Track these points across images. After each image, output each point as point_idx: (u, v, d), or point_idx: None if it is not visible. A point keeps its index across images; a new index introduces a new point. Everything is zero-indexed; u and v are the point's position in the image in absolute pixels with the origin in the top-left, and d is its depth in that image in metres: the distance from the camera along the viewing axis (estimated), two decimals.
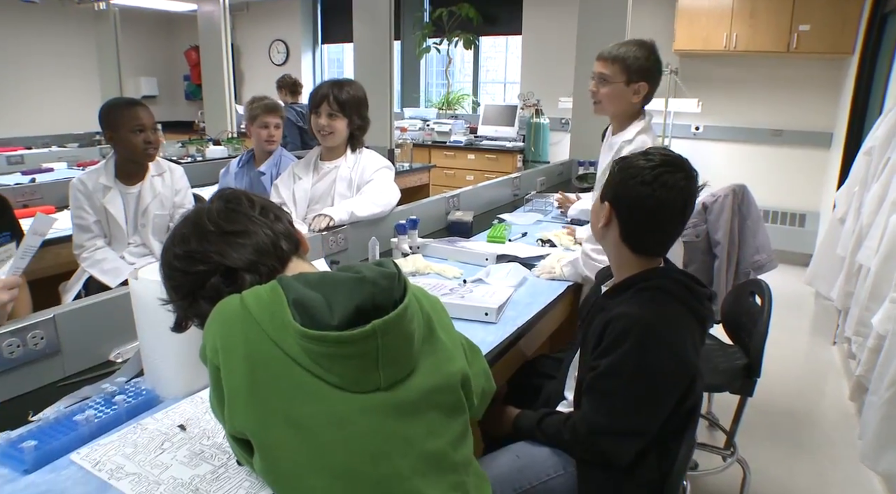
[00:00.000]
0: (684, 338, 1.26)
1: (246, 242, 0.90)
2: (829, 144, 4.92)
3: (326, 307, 0.77)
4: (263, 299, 0.80)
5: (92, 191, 2.17)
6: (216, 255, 0.89)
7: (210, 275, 0.88)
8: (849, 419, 2.96)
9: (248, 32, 7.26)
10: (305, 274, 0.87)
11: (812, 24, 4.48)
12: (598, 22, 3.97)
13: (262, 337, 0.77)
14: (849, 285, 2.75)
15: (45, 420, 1.04)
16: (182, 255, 0.90)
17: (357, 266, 0.87)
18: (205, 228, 0.91)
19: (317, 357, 0.75)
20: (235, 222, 0.92)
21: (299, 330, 0.75)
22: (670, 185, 1.26)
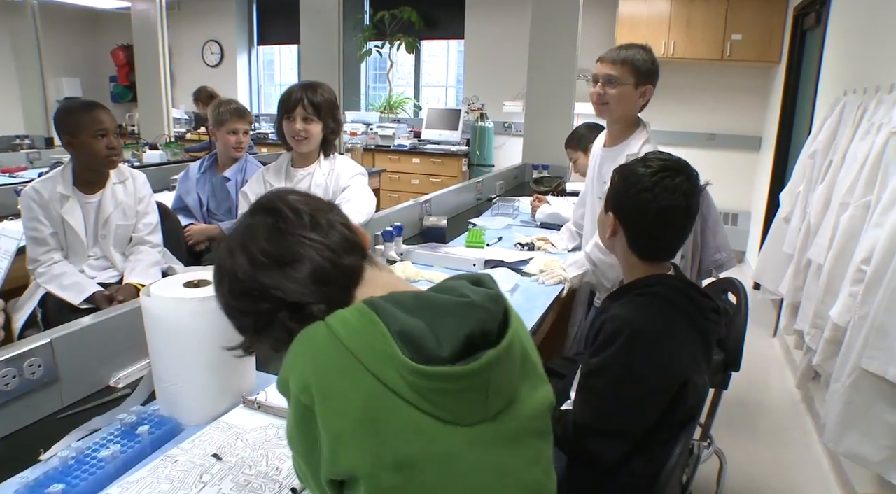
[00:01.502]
0: (675, 345, 1.24)
1: (302, 271, 0.79)
2: (758, 147, 5.23)
3: (433, 337, 0.70)
4: (355, 328, 0.71)
5: (48, 200, 2.00)
6: (275, 291, 0.78)
7: (275, 312, 0.79)
8: (796, 405, 3.15)
9: (180, 32, 6.93)
10: (396, 295, 0.76)
11: (743, 33, 4.76)
12: (550, 29, 4.05)
13: (362, 373, 0.68)
14: (797, 280, 2.92)
15: (64, 459, 0.93)
16: (239, 293, 0.80)
17: (457, 285, 0.78)
18: (256, 259, 0.79)
19: (424, 391, 0.68)
20: (285, 246, 0.80)
21: (410, 366, 0.67)
22: (672, 189, 1.27)
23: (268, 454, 1.00)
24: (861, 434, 2.00)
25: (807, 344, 2.70)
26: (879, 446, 1.95)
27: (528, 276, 2.06)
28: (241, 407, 1.15)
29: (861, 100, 2.63)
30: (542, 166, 4.11)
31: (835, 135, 2.86)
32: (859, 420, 2.00)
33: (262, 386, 1.22)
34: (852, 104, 2.73)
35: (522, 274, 2.06)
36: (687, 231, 1.38)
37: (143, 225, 2.19)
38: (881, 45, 2.66)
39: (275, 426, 1.09)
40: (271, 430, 1.07)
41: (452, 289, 0.77)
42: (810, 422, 2.95)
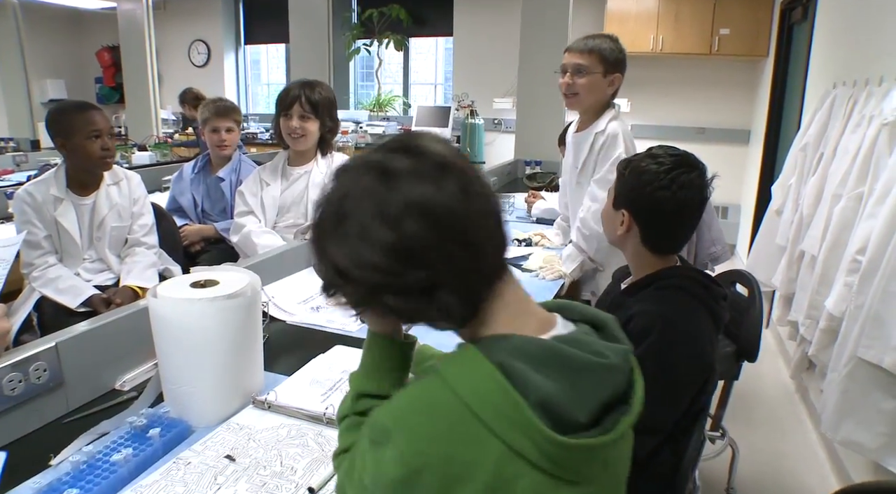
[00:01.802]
0: (704, 335, 1.28)
1: (473, 250, 0.65)
2: (747, 141, 5.27)
3: (571, 404, 0.63)
4: (485, 395, 0.62)
5: (41, 203, 1.97)
6: (443, 262, 0.64)
7: (422, 284, 0.64)
8: (790, 395, 3.19)
9: (167, 32, 6.85)
10: (525, 347, 0.66)
11: (731, 28, 4.79)
12: (540, 25, 4.05)
13: (492, 439, 0.61)
14: (790, 272, 2.95)
15: (75, 464, 0.92)
16: (398, 250, 0.63)
17: (587, 339, 0.70)
18: (439, 221, 0.63)
19: (557, 458, 0.62)
20: (468, 218, 0.65)
21: (551, 438, 0.61)
22: (688, 185, 1.28)
23: (281, 454, 1.00)
24: (857, 422, 2.03)
25: (801, 334, 2.73)
26: (875, 433, 1.97)
27: (527, 272, 2.06)
28: (251, 407, 1.14)
29: (851, 92, 2.65)
30: (534, 162, 4.12)
31: (825, 128, 2.89)
32: (856, 408, 2.03)
33: (270, 385, 1.21)
34: (842, 97, 2.76)
35: (522, 270, 2.06)
36: (697, 223, 1.39)
37: (138, 226, 2.17)
38: (869, 37, 2.68)
39: (286, 426, 1.08)
40: (283, 430, 1.07)
41: (584, 344, 0.69)
42: (805, 412, 2.98)
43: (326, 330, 1.55)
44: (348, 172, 0.68)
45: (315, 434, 1.05)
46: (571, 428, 0.63)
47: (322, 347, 1.43)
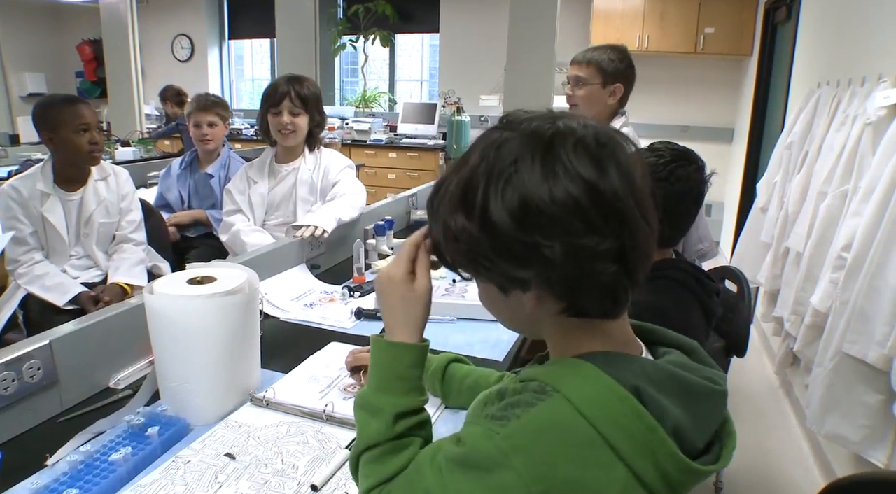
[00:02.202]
0: (695, 327, 1.31)
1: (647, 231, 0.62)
2: (731, 139, 5.33)
3: (695, 429, 0.61)
4: (616, 416, 0.58)
5: (27, 198, 1.93)
6: (633, 230, 0.59)
7: (602, 257, 0.58)
8: (775, 391, 3.23)
9: (150, 26, 6.75)
10: (649, 370, 0.62)
11: (716, 27, 4.84)
12: (528, 22, 4.05)
13: (617, 464, 0.57)
14: (776, 268, 2.99)
15: (73, 464, 0.91)
16: (588, 205, 0.56)
17: (694, 365, 0.67)
18: (636, 186, 0.60)
19: (673, 483, 0.59)
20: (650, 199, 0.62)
21: (686, 465, 0.58)
22: (686, 178, 1.30)
23: (282, 451, 0.99)
24: (842, 415, 2.06)
25: (786, 330, 2.77)
26: (858, 426, 2.01)
27: None
28: (249, 404, 1.13)
29: (835, 92, 2.70)
30: None
31: (810, 127, 2.93)
32: (840, 402, 2.06)
33: (267, 383, 1.21)
34: (826, 96, 2.80)
35: None
36: (694, 217, 1.40)
37: (126, 222, 2.14)
38: (852, 38, 2.73)
39: (285, 423, 1.08)
40: (282, 428, 1.06)
41: (696, 370, 0.66)
42: (789, 407, 3.02)
43: (321, 326, 1.54)
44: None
45: (315, 431, 1.05)
46: (692, 454, 0.61)
47: (317, 344, 1.42)
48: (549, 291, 0.60)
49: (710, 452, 0.63)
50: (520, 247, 0.57)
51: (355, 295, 1.72)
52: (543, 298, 0.61)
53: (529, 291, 0.61)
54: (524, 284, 0.61)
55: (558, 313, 0.62)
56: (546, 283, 0.60)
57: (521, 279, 0.60)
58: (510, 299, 0.63)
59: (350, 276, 1.88)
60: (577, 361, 0.62)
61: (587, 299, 0.61)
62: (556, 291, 0.60)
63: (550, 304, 0.62)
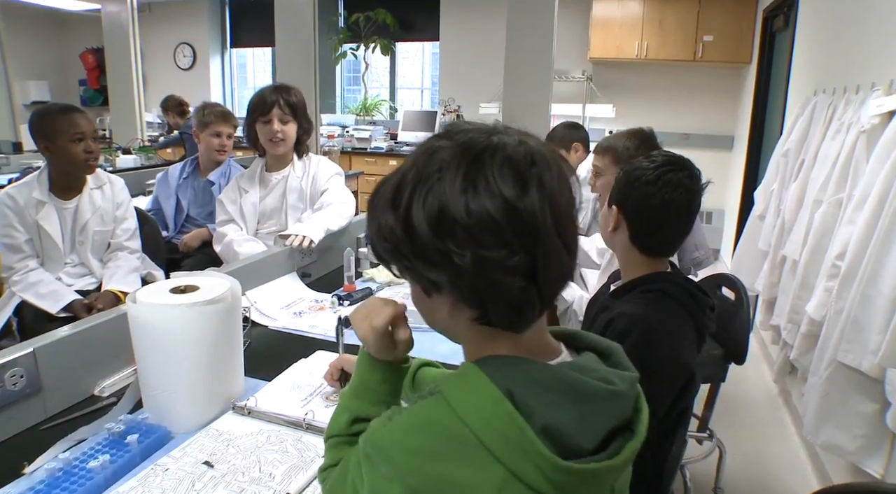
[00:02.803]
0: (682, 340, 1.29)
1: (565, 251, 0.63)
2: (731, 146, 5.33)
3: (578, 430, 0.62)
4: (488, 418, 0.60)
5: (23, 206, 1.95)
6: (547, 247, 0.60)
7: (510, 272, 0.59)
8: (773, 399, 3.22)
9: (152, 35, 6.81)
10: (534, 373, 0.64)
11: (714, 34, 4.85)
12: (525, 30, 4.06)
13: (493, 464, 0.59)
14: (773, 276, 2.98)
15: (51, 472, 0.91)
16: (502, 222, 0.58)
17: (594, 365, 0.69)
18: (555, 204, 0.61)
19: (561, 484, 0.60)
20: (571, 216, 0.64)
21: (556, 464, 0.59)
22: (675, 184, 1.30)
23: (260, 460, 0.99)
24: (837, 425, 2.05)
25: (783, 338, 2.76)
26: (853, 435, 2.00)
27: None
28: (231, 413, 1.13)
29: (831, 100, 2.70)
30: None
31: (806, 135, 2.93)
32: (835, 411, 2.05)
33: (251, 391, 1.21)
34: (822, 104, 2.80)
35: None
36: (689, 227, 1.38)
37: (121, 230, 2.15)
38: (848, 46, 2.73)
39: (265, 432, 1.08)
40: (262, 436, 1.06)
41: (592, 370, 0.67)
42: (788, 416, 3.01)
43: (308, 335, 1.55)
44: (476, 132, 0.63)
45: (294, 439, 1.05)
46: (576, 455, 0.61)
47: (304, 353, 1.42)
48: (460, 298, 0.62)
49: (606, 450, 0.64)
50: (433, 252, 0.59)
51: (345, 304, 1.73)
52: (457, 304, 0.63)
53: (443, 295, 0.63)
54: (437, 287, 0.63)
55: (471, 320, 0.64)
56: (456, 290, 0.61)
57: (434, 282, 0.62)
58: (432, 301, 0.65)
59: (341, 284, 1.89)
60: (468, 365, 0.64)
61: (494, 310, 0.62)
62: (465, 298, 0.62)
63: (463, 311, 0.63)
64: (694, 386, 1.33)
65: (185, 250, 2.60)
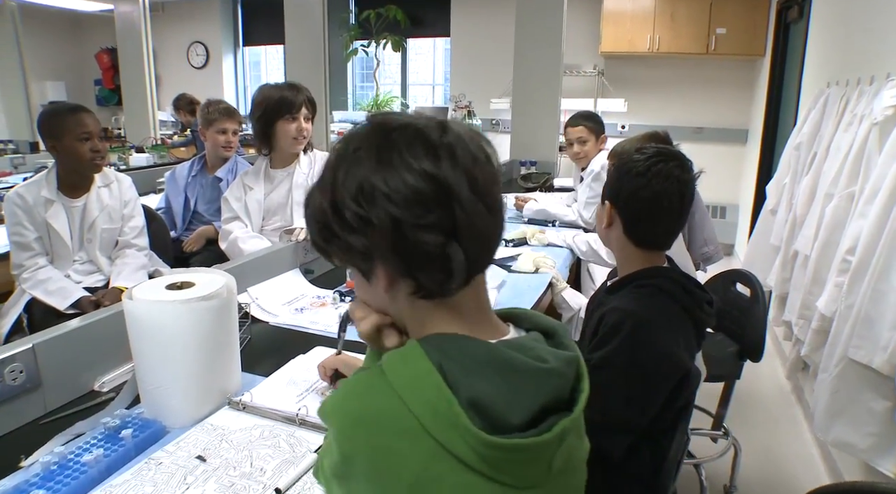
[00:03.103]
0: (675, 336, 1.27)
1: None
2: (745, 140, 5.26)
3: (506, 405, 0.63)
4: (419, 390, 0.62)
5: (32, 205, 1.98)
6: (468, 213, 0.62)
7: (439, 228, 0.62)
8: (786, 396, 3.18)
9: (165, 34, 6.88)
10: (469, 348, 0.65)
11: (728, 27, 4.78)
12: (535, 25, 4.05)
13: (423, 435, 0.61)
14: (784, 272, 2.94)
15: (46, 465, 0.93)
16: (418, 187, 0.61)
17: (533, 344, 0.69)
18: (478, 174, 0.63)
19: (490, 459, 0.62)
20: (496, 189, 0.66)
21: (481, 438, 0.61)
22: (665, 175, 1.28)
23: (252, 455, 1.00)
24: (848, 422, 2.02)
25: (795, 335, 2.72)
26: (865, 433, 1.97)
27: (515, 273, 2.06)
28: (227, 408, 1.14)
29: (843, 91, 2.65)
30: (529, 162, 4.11)
31: (818, 127, 2.88)
32: (846, 409, 2.02)
33: (248, 386, 1.22)
34: (835, 96, 2.75)
35: (510, 270, 2.06)
36: (682, 219, 1.37)
37: (129, 228, 2.18)
38: (862, 37, 2.68)
39: (259, 427, 1.08)
40: (256, 431, 1.07)
41: (528, 349, 0.68)
42: (800, 413, 2.97)
43: (309, 331, 1.55)
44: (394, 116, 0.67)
45: (287, 435, 1.06)
46: (505, 430, 0.63)
47: (304, 349, 1.43)
48: (390, 268, 0.64)
49: (537, 427, 0.65)
50: (357, 220, 0.62)
51: (346, 300, 1.73)
52: (392, 281, 0.65)
53: (378, 274, 0.65)
54: (369, 260, 0.65)
55: (409, 295, 0.66)
56: (384, 260, 0.64)
57: (364, 254, 0.64)
58: (373, 286, 0.67)
59: (344, 281, 1.89)
60: (411, 341, 0.67)
61: (422, 274, 0.64)
62: (394, 267, 0.64)
63: (399, 286, 0.66)
64: (692, 382, 1.32)
65: (190, 251, 2.63)
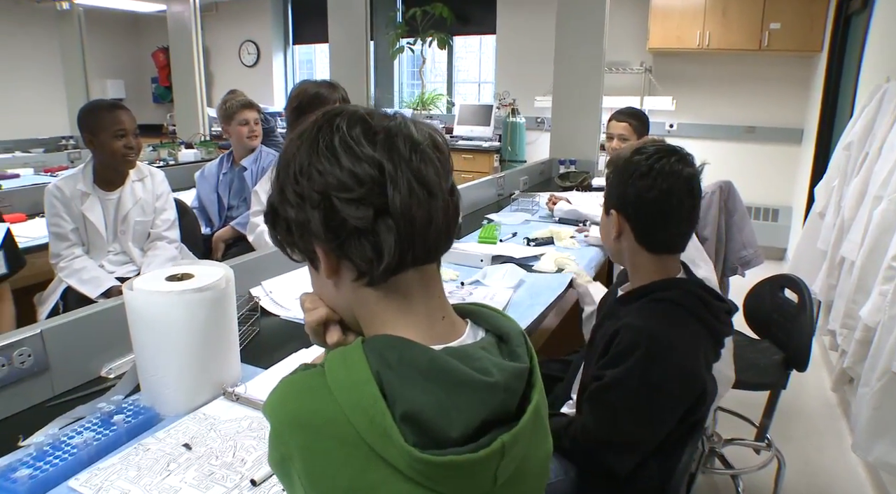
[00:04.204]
0: (695, 355, 1.23)
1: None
2: (800, 140, 5.02)
3: (444, 418, 0.61)
4: (356, 399, 0.61)
5: (70, 197, 2.08)
6: (401, 189, 0.63)
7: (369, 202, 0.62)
8: (832, 409, 3.02)
9: (218, 33, 7.10)
10: (411, 354, 0.63)
11: (783, 22, 4.57)
12: (575, 23, 3.97)
13: (359, 441, 0.60)
14: (831, 278, 2.79)
15: (39, 445, 0.97)
16: (348, 165, 0.62)
17: (480, 354, 0.67)
18: (401, 154, 0.64)
19: (429, 474, 0.60)
20: (436, 175, 0.66)
21: (413, 454, 0.59)
22: (667, 172, 1.23)
23: (236, 445, 1.01)
24: (892, 442, 1.90)
25: (839, 345, 2.58)
26: None
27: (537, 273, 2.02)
28: (222, 398, 1.16)
29: None
30: (569, 161, 4.05)
31: (872, 125, 2.72)
32: (890, 426, 1.90)
33: (247, 378, 1.24)
34: (893, 91, 2.59)
35: (531, 270, 2.03)
36: (694, 216, 1.32)
37: (160, 221, 2.25)
38: None
39: (249, 418, 1.10)
40: (245, 422, 1.08)
41: (473, 359, 0.65)
42: (846, 428, 2.82)
43: None
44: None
45: None
46: (443, 444, 0.61)
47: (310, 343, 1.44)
48: (323, 244, 0.65)
49: (477, 440, 0.62)
50: (294, 195, 0.65)
51: None
52: (336, 266, 0.66)
53: (321, 259, 0.66)
54: (304, 236, 0.66)
55: (352, 282, 0.66)
56: (317, 232, 0.64)
57: (298, 228, 0.66)
58: (321, 276, 0.68)
59: None
60: (356, 341, 0.66)
61: (350, 249, 0.64)
62: (325, 240, 0.64)
63: (342, 273, 0.67)
64: (707, 399, 1.27)
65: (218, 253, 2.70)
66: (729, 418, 2.56)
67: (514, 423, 0.65)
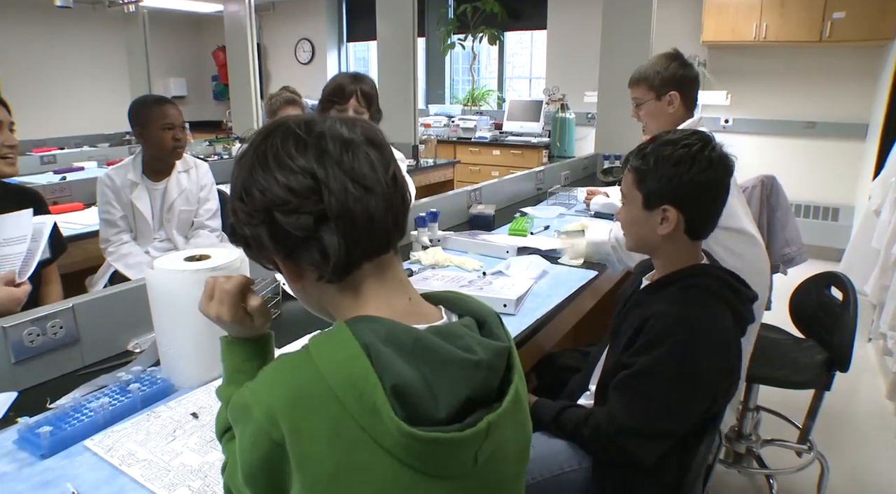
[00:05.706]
0: (728, 343, 1.22)
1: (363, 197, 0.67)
2: (864, 136, 4.77)
3: (430, 395, 0.63)
4: (345, 373, 0.62)
5: (120, 186, 2.22)
6: (338, 194, 0.65)
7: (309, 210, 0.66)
8: (886, 418, 2.87)
9: (275, 32, 7.34)
10: (396, 333, 0.65)
11: (847, 11, 4.35)
12: (622, 15, 3.91)
13: (347, 419, 0.61)
14: (884, 279, 2.66)
15: (62, 408, 1.05)
16: (286, 177, 0.66)
17: (463, 332, 0.69)
18: (338, 160, 0.66)
19: (413, 450, 0.62)
20: (373, 171, 0.68)
21: (403, 429, 0.60)
22: (717, 160, 1.24)
23: None
24: None
25: (892, 349, 2.46)
26: None
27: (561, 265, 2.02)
28: None
29: None
30: (614, 156, 3.98)
31: None
32: None
33: None
34: None
35: (557, 262, 2.02)
36: (724, 201, 1.32)
37: (203, 210, 2.37)
38: None
39: None
40: None
41: (456, 337, 0.67)
42: None
43: None
44: None
45: None
46: (428, 421, 0.62)
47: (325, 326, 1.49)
48: (276, 255, 0.70)
49: (462, 421, 0.64)
50: (243, 215, 0.69)
51: None
52: (288, 267, 0.71)
53: (275, 260, 0.71)
54: (262, 249, 0.71)
55: (316, 281, 0.70)
56: (268, 245, 0.69)
57: (255, 244, 0.70)
58: (288, 279, 0.74)
59: None
60: (339, 322, 0.67)
61: (299, 256, 0.68)
62: (276, 251, 0.69)
63: (307, 273, 0.71)
64: (734, 388, 1.27)
65: None
66: (771, 419, 2.47)
67: (497, 405, 0.67)
